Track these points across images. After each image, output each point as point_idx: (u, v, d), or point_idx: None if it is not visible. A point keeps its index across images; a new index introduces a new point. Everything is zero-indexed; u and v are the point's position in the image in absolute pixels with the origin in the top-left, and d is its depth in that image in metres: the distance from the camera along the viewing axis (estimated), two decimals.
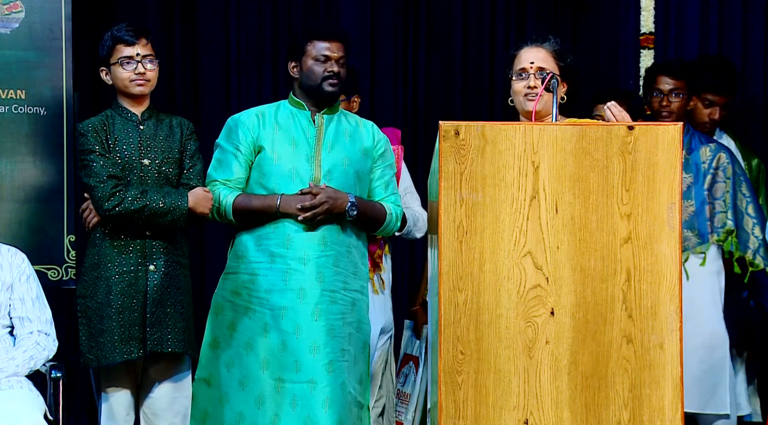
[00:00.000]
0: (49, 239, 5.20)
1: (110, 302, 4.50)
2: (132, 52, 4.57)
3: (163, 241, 4.56)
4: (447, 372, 3.28)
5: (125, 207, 4.45)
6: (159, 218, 4.48)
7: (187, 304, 4.61)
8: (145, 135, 4.60)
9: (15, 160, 5.19)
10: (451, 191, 3.30)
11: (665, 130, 3.31)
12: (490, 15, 6.35)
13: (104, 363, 4.52)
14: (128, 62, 4.58)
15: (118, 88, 4.62)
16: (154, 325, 4.51)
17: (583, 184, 3.29)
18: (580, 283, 3.28)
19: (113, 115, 4.61)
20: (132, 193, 4.46)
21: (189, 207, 4.50)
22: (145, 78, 4.59)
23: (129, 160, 4.55)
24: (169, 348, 4.53)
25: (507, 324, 3.28)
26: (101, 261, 4.55)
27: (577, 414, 3.26)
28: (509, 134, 3.30)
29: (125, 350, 4.49)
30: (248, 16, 6.22)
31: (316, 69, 4.41)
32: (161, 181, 4.58)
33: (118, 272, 4.52)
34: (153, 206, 4.46)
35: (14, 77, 5.21)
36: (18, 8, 5.22)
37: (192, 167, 4.64)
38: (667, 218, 3.27)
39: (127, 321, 4.49)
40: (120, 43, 4.58)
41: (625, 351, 3.27)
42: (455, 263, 3.29)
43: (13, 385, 4.30)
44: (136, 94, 4.59)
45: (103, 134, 4.54)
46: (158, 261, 4.55)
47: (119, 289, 4.51)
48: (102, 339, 4.49)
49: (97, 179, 4.49)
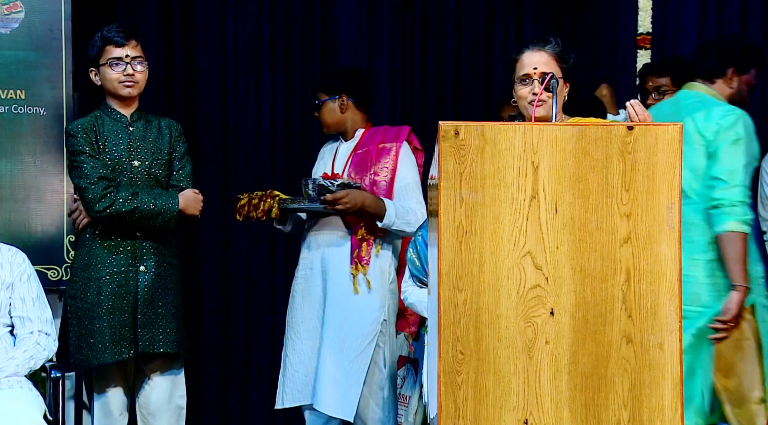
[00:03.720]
0: (49, 239, 5.20)
1: (101, 303, 4.51)
2: (121, 53, 4.58)
3: (153, 242, 4.57)
4: (447, 372, 3.28)
5: (117, 209, 4.46)
6: (150, 220, 4.49)
7: (178, 305, 4.62)
8: (135, 137, 4.60)
9: (15, 160, 5.19)
10: (451, 191, 3.29)
11: (665, 130, 3.31)
12: (487, 15, 6.36)
13: (95, 364, 4.53)
14: (117, 63, 4.58)
15: (107, 89, 4.63)
16: (146, 326, 4.52)
17: (582, 184, 3.29)
18: (580, 283, 3.28)
19: (102, 116, 4.62)
20: (123, 194, 4.47)
21: (179, 209, 4.51)
22: (134, 80, 4.59)
23: (119, 161, 4.56)
24: (161, 348, 4.54)
25: (507, 324, 3.28)
26: (91, 262, 4.55)
27: (577, 414, 3.26)
28: (509, 134, 3.30)
29: (116, 350, 4.49)
30: (246, 18, 6.22)
31: None
32: (151, 182, 4.58)
33: (109, 273, 4.52)
34: (144, 208, 4.47)
35: (14, 77, 5.21)
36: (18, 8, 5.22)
37: (181, 169, 4.65)
38: (667, 218, 3.27)
39: (117, 322, 4.50)
40: (109, 44, 4.58)
41: (625, 351, 3.27)
42: (455, 263, 3.29)
43: (12, 385, 4.30)
44: (124, 95, 4.60)
45: (92, 135, 4.55)
46: (149, 262, 4.56)
47: (110, 290, 4.51)
48: (93, 339, 4.50)
49: (88, 180, 4.49)
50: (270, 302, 6.26)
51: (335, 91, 5.18)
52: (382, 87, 6.29)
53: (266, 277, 6.27)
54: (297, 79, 6.28)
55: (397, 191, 5.07)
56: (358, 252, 5.03)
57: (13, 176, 5.19)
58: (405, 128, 5.25)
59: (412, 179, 5.14)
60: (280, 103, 6.26)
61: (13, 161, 5.20)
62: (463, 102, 6.36)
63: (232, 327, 6.26)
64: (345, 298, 5.05)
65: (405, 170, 5.12)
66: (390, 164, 5.11)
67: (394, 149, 5.11)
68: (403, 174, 5.10)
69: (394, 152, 5.11)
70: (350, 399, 5.01)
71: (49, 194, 5.23)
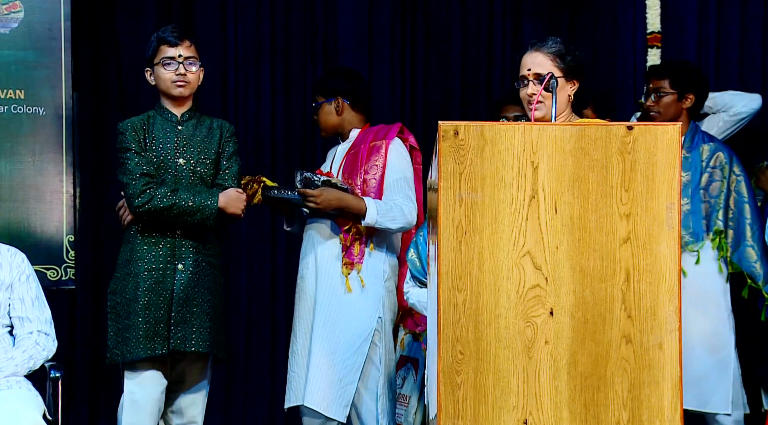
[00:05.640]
0: (49, 239, 5.21)
1: (137, 298, 4.53)
2: (174, 53, 4.61)
3: (193, 240, 4.59)
4: (446, 372, 3.28)
5: (155, 204, 4.49)
6: (188, 217, 4.51)
7: (215, 305, 4.62)
8: (183, 135, 4.63)
9: (14, 160, 5.19)
10: (451, 191, 3.29)
11: (664, 130, 3.31)
12: (487, 14, 6.35)
13: (129, 358, 4.54)
14: (170, 63, 4.60)
15: (160, 88, 4.67)
16: (179, 324, 4.54)
17: (582, 184, 3.29)
18: (580, 283, 3.28)
19: (155, 115, 4.66)
20: (162, 191, 4.50)
21: (220, 207, 4.53)
22: (186, 80, 4.62)
23: (164, 159, 4.59)
24: (192, 347, 4.55)
25: (506, 324, 3.28)
26: (133, 258, 4.58)
27: (576, 414, 3.26)
28: (508, 134, 3.30)
29: (149, 346, 4.51)
30: (246, 16, 6.22)
31: None
32: (196, 181, 4.61)
33: (147, 269, 4.55)
34: (182, 205, 4.49)
35: (13, 77, 5.22)
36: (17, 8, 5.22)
37: (228, 169, 4.68)
38: (666, 218, 3.27)
39: (152, 318, 4.52)
40: (164, 44, 4.62)
41: (624, 351, 3.27)
42: (454, 263, 3.29)
43: (12, 385, 4.30)
44: (175, 95, 4.63)
45: (141, 132, 4.59)
46: (187, 260, 4.57)
47: (147, 286, 4.53)
48: (128, 334, 4.52)
49: (130, 177, 4.53)
50: (270, 302, 6.26)
51: (331, 94, 5.18)
52: (382, 87, 6.29)
53: (267, 276, 6.26)
54: (297, 79, 6.27)
55: (386, 187, 5.06)
56: (349, 252, 5.02)
57: (12, 176, 5.20)
58: (396, 125, 5.24)
59: (401, 174, 5.10)
60: (280, 102, 6.25)
61: (12, 161, 5.21)
62: (463, 103, 6.35)
63: (233, 326, 6.26)
64: (337, 297, 5.04)
65: (394, 165, 5.09)
66: (380, 162, 5.10)
67: (383, 146, 5.10)
68: (392, 170, 5.08)
69: (383, 149, 5.10)
70: (344, 398, 5.00)
71: (49, 194, 5.24)
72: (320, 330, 5.04)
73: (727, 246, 5.17)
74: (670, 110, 5.24)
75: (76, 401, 5.86)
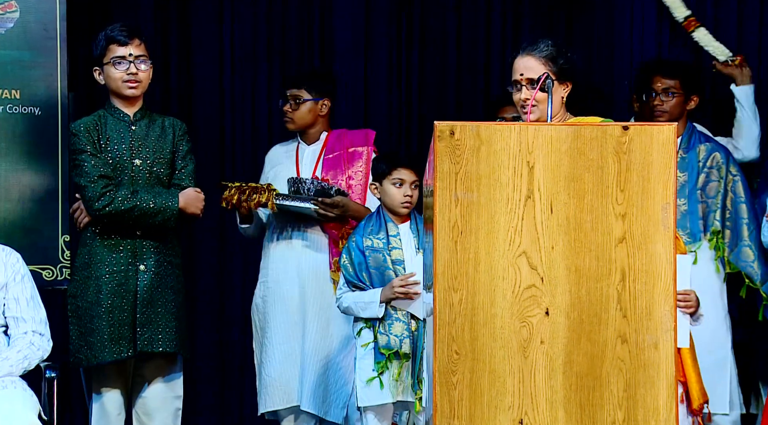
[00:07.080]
0: (44, 239, 5.19)
1: (100, 302, 4.50)
2: (125, 52, 4.57)
3: (153, 241, 4.57)
4: (442, 371, 3.28)
5: (116, 207, 4.45)
6: (149, 218, 4.49)
7: (178, 304, 4.61)
8: (137, 135, 4.59)
9: (9, 160, 5.17)
10: (446, 190, 3.29)
11: (660, 130, 3.31)
12: (484, 16, 6.34)
13: (94, 363, 4.52)
14: (120, 62, 4.58)
15: (111, 88, 4.62)
16: (145, 325, 4.51)
17: (578, 184, 3.29)
18: (575, 283, 3.28)
19: (106, 115, 4.61)
20: (122, 193, 4.46)
21: (180, 208, 4.51)
22: (137, 79, 4.59)
23: (120, 160, 4.56)
24: (159, 348, 4.53)
25: (502, 324, 3.28)
26: (92, 261, 4.55)
27: (572, 414, 3.26)
28: (504, 134, 3.30)
29: (115, 349, 4.49)
30: (243, 17, 6.22)
31: None
32: (152, 181, 4.58)
33: (109, 272, 4.52)
34: (143, 206, 4.47)
35: (9, 77, 5.20)
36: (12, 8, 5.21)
37: (184, 168, 4.64)
38: (662, 218, 3.28)
39: (117, 321, 4.49)
40: (113, 43, 4.58)
41: (620, 351, 3.27)
42: (450, 263, 3.29)
43: (7, 385, 4.30)
44: (127, 95, 4.59)
45: (95, 133, 4.55)
46: (149, 261, 4.55)
47: (109, 289, 4.51)
48: (92, 338, 4.49)
49: (88, 179, 4.49)
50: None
51: (320, 94, 5.18)
52: (379, 89, 6.29)
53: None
54: None
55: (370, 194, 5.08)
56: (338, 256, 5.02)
57: (8, 176, 5.18)
58: (371, 132, 5.27)
59: None
60: (275, 103, 6.25)
61: (8, 161, 5.19)
62: (460, 103, 6.35)
63: (227, 328, 6.25)
64: (328, 302, 5.05)
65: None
66: (363, 168, 5.15)
67: (365, 152, 5.15)
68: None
69: (365, 156, 5.15)
70: (341, 400, 5.01)
71: (44, 194, 5.22)
72: (314, 336, 5.05)
73: (724, 246, 5.17)
74: (677, 110, 5.24)
75: (72, 401, 5.85)
